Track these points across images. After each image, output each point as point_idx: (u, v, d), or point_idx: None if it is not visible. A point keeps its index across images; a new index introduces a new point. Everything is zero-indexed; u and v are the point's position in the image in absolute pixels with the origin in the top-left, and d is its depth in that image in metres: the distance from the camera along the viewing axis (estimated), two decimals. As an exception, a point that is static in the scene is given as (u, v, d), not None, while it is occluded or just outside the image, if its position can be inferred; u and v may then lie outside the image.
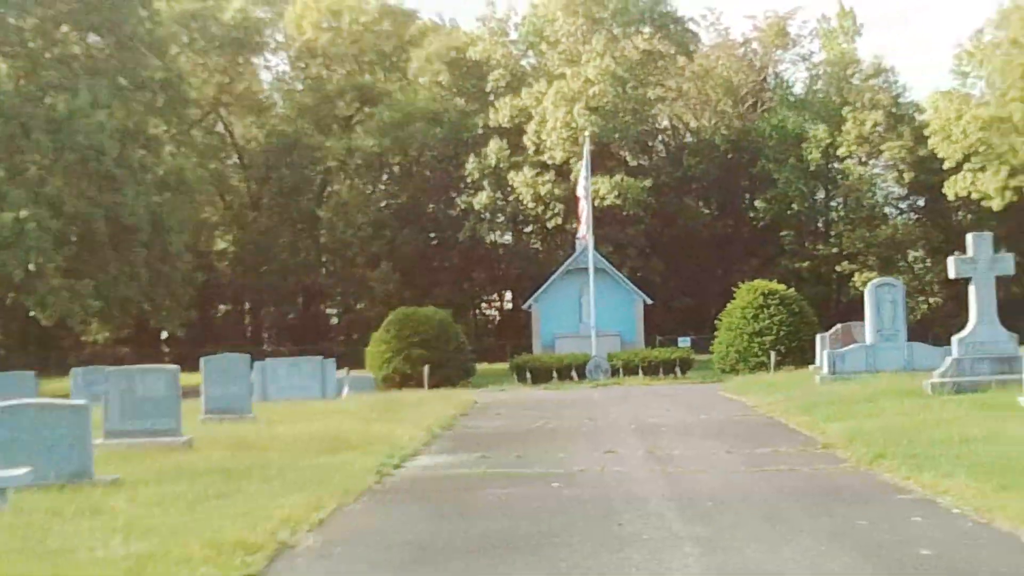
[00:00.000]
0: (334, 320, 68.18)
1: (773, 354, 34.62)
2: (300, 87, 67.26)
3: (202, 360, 22.95)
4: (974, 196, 50.85)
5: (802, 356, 34.19)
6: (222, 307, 68.07)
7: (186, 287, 50.96)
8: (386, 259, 59.53)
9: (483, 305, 68.68)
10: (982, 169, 50.05)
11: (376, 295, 58.10)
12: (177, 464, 14.00)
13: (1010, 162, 49.23)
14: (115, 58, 48.45)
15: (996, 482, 10.95)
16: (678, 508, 11.13)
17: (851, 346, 29.23)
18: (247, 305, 67.98)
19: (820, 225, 63.07)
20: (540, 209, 58.20)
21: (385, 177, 66.81)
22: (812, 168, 59.97)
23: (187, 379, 19.51)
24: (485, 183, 58.90)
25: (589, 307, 41.20)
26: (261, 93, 67.89)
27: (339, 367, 33.09)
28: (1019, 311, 42.08)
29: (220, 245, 66.40)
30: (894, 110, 59.58)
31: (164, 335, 58.06)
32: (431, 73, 63.16)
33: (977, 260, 22.08)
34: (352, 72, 66.19)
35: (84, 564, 8.75)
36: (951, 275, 22.67)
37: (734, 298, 37.89)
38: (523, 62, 65.08)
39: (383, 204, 64.12)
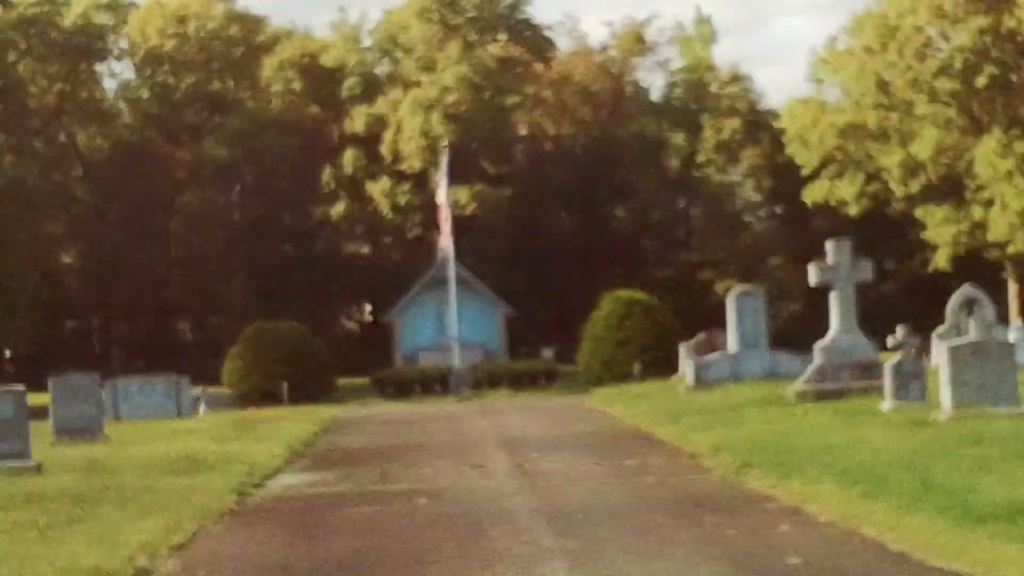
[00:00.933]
0: (188, 336, 66.71)
1: (638, 364, 34.67)
2: (146, 95, 65.68)
3: (50, 380, 22.16)
4: (832, 203, 51.09)
5: (668, 365, 33.98)
6: (69, 324, 66.03)
7: (31, 304, 49.21)
8: (241, 272, 58.36)
9: (343, 318, 67.93)
10: (839, 176, 50.63)
11: (232, 309, 56.92)
12: (26, 489, 13.45)
13: (866, 169, 49.82)
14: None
15: (861, 489, 11.09)
16: (548, 522, 11.07)
17: (715, 355, 29.54)
18: (96, 322, 66.08)
19: (682, 233, 63.43)
20: (399, 219, 57.77)
21: (239, 188, 65.63)
22: (672, 176, 60.46)
23: (33, 399, 18.79)
24: (342, 193, 58.23)
25: (451, 319, 40.92)
26: (105, 102, 66.07)
27: (194, 384, 32.36)
28: (878, 318, 42.89)
29: (66, 259, 64.45)
30: (752, 117, 59.90)
31: (8, 354, 56.05)
32: (283, 80, 62.09)
33: (837, 267, 22.40)
34: (200, 80, 64.82)
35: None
36: (812, 282, 22.97)
37: (598, 308, 38.01)
38: (378, 69, 64.54)
39: (237, 216, 62.93)
